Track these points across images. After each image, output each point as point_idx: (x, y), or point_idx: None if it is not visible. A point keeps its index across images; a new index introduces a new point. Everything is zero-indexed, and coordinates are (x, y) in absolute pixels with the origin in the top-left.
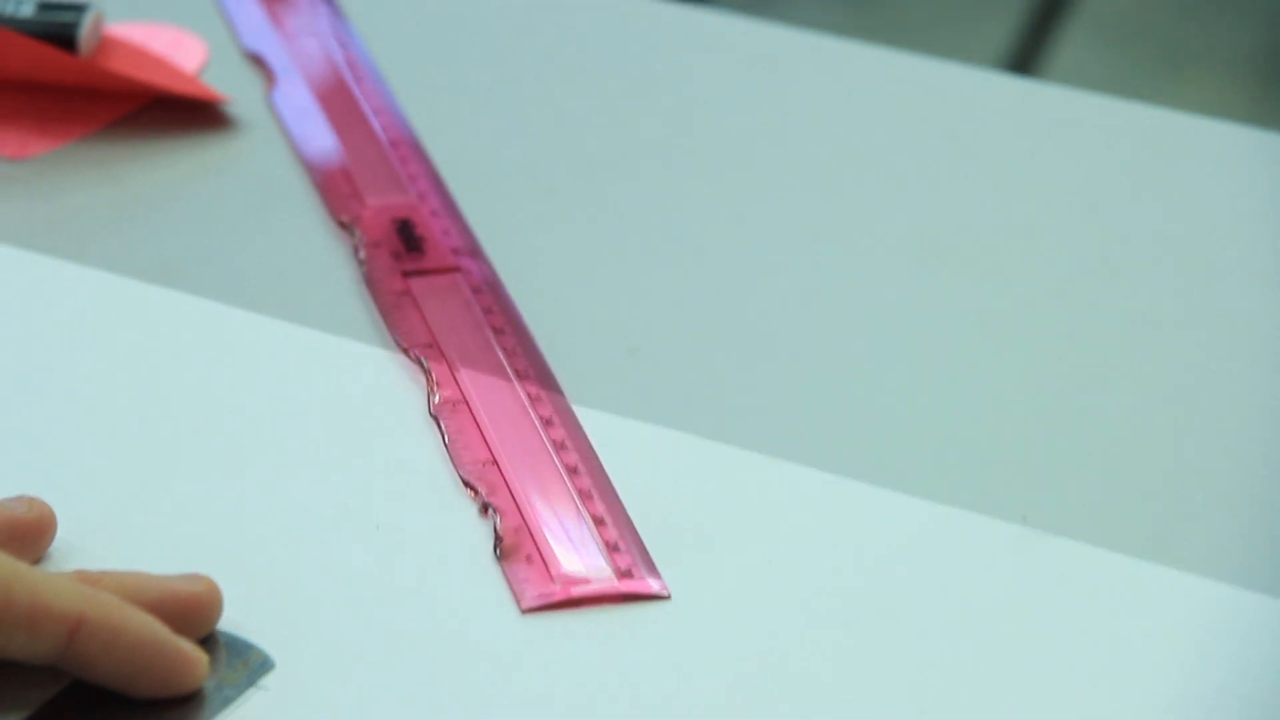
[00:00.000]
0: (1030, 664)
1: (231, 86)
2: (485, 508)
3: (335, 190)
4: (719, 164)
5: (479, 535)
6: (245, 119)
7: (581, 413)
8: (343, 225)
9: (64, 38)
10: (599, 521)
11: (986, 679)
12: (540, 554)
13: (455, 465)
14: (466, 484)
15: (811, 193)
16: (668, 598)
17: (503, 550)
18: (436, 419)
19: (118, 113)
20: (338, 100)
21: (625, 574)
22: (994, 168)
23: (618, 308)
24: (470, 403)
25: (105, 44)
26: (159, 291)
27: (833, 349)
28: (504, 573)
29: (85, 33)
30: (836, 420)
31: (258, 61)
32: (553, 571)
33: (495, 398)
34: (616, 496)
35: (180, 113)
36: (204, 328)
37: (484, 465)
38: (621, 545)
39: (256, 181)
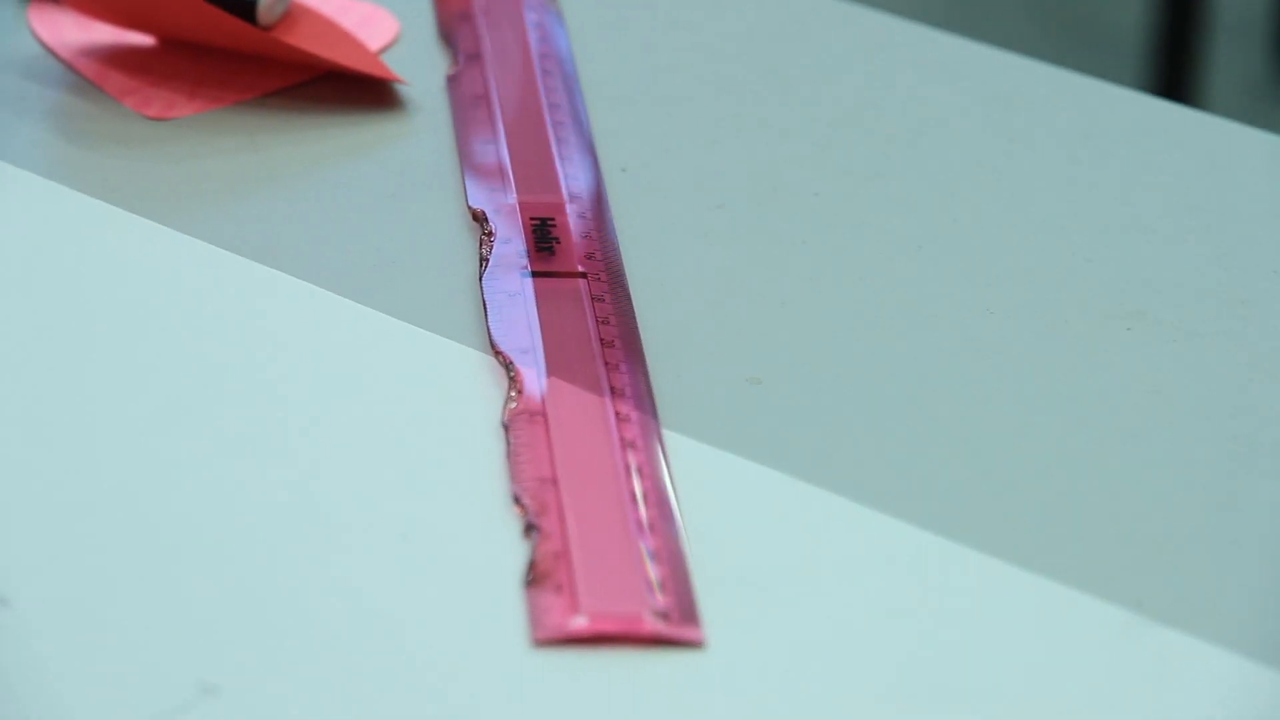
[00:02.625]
0: None
1: (413, 68)
2: (529, 528)
3: (481, 181)
4: (914, 201)
5: (514, 558)
6: (416, 102)
7: (677, 440)
8: (476, 218)
9: (243, 4)
10: (651, 557)
11: None
12: (571, 584)
13: (512, 480)
14: (517, 501)
15: (1009, 249)
16: (700, 647)
17: (533, 576)
18: (506, 429)
19: (282, 83)
20: (517, 92)
21: (661, 616)
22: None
23: (753, 335)
24: (549, 415)
25: (291, 13)
26: (250, 266)
27: (972, 409)
28: (527, 600)
29: (266, 2)
30: (958, 481)
31: (450, 45)
32: (580, 604)
33: (578, 413)
34: (678, 533)
35: (350, 89)
36: (287, 308)
37: (542, 483)
38: (668, 585)
39: (405, 167)
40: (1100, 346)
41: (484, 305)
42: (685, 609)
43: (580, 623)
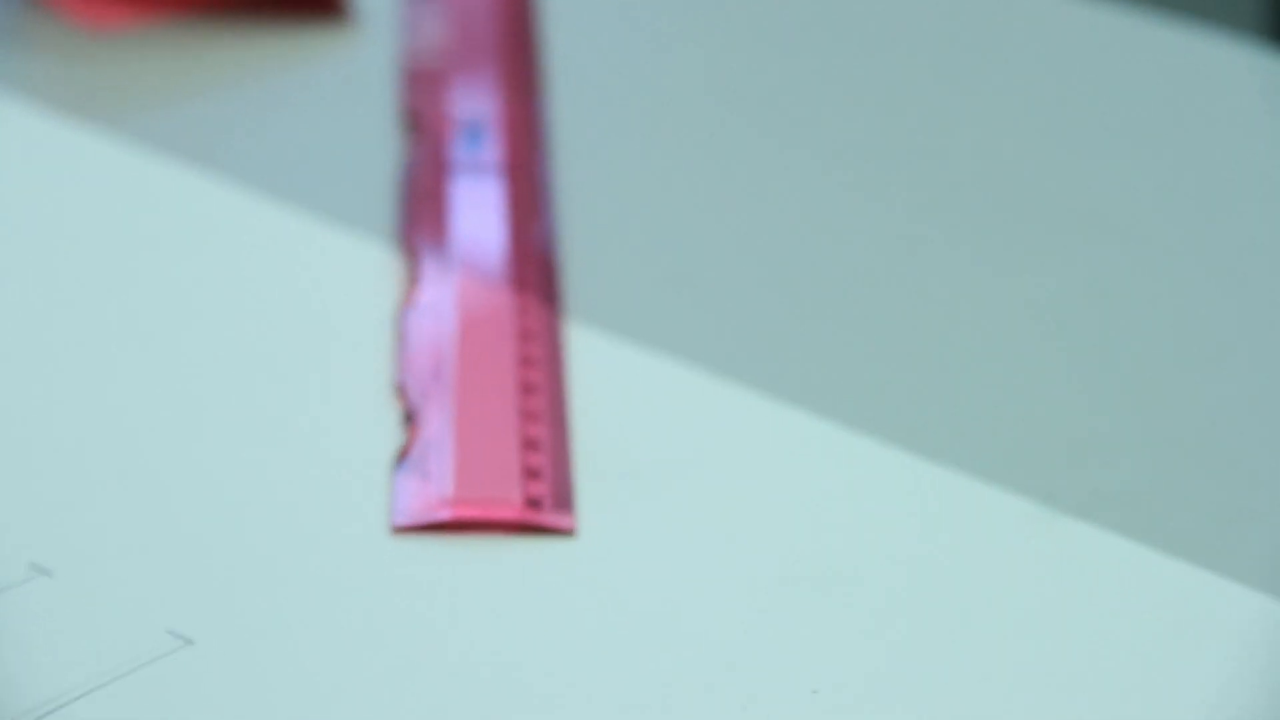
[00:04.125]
0: (1015, 661)
1: None
2: (407, 418)
3: (418, 86)
4: (888, 120)
5: (389, 448)
6: (370, 17)
7: (585, 335)
8: (407, 121)
9: None
10: (530, 445)
11: (965, 675)
12: (440, 471)
13: (398, 371)
14: (399, 391)
15: (956, 154)
16: (570, 533)
17: (401, 464)
18: (399, 321)
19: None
20: (479, 6)
21: (531, 504)
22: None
23: (689, 238)
24: (444, 307)
25: None
26: (161, 166)
27: (896, 307)
28: (392, 488)
29: None
30: (876, 376)
31: None
32: (443, 491)
33: (478, 305)
34: (564, 423)
35: (300, 5)
36: (190, 207)
37: (428, 373)
38: (544, 473)
39: (348, 77)
40: (1045, 248)
41: (400, 202)
42: (560, 497)
43: (443, 508)
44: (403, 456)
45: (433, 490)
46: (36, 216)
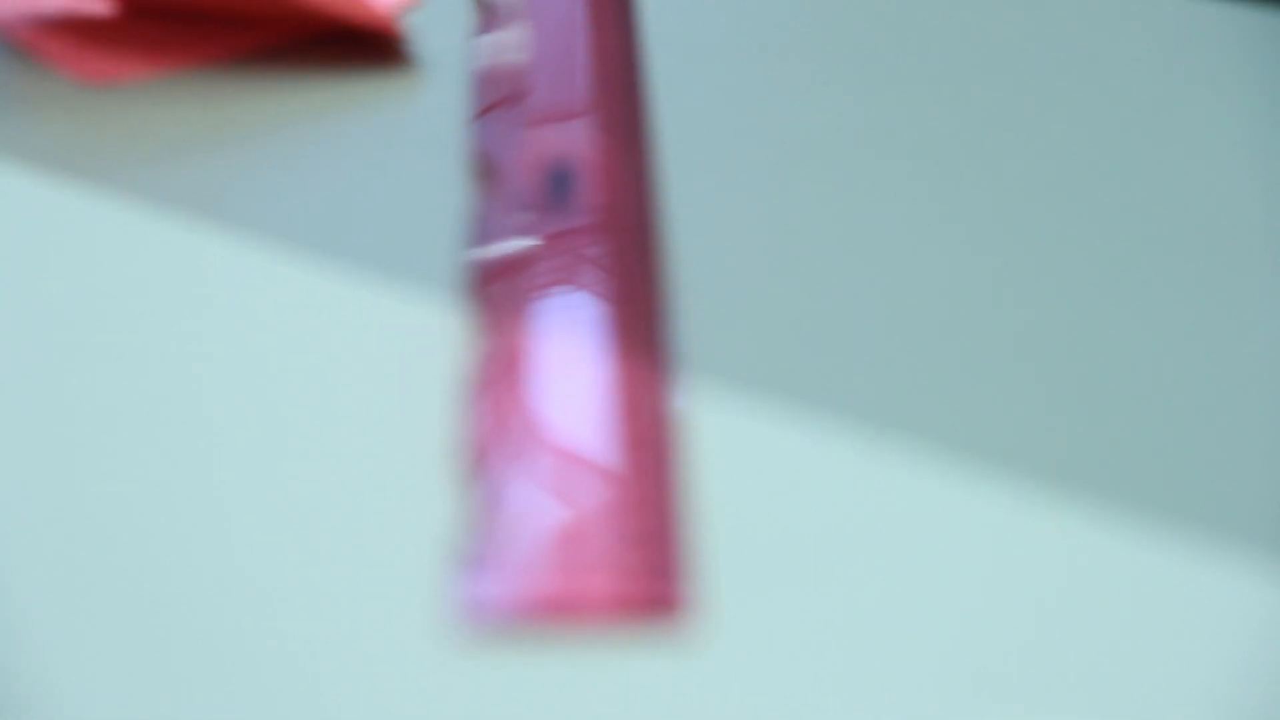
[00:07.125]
0: None
1: (437, 29)
2: (465, 490)
3: (490, 130)
4: (1044, 149)
5: (439, 528)
6: (433, 62)
7: (703, 395)
8: (479, 167)
9: None
10: (632, 512)
11: None
12: (505, 555)
13: (458, 437)
14: (457, 458)
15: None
16: (679, 611)
17: (457, 550)
18: (466, 382)
19: (260, 43)
20: (554, 45)
21: (627, 574)
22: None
23: (820, 285)
24: (520, 367)
25: None
26: (190, 228)
27: (1083, 361)
28: (446, 576)
29: None
30: (1062, 431)
31: (488, 8)
32: (516, 575)
33: (563, 361)
34: (672, 487)
35: (348, 49)
36: (226, 269)
37: (495, 437)
38: (648, 542)
39: (404, 125)
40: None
41: (470, 255)
42: (664, 568)
43: (512, 591)
44: (460, 538)
45: (500, 577)
46: (74, 283)
